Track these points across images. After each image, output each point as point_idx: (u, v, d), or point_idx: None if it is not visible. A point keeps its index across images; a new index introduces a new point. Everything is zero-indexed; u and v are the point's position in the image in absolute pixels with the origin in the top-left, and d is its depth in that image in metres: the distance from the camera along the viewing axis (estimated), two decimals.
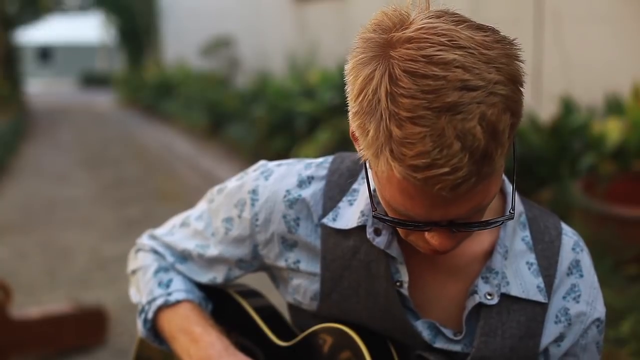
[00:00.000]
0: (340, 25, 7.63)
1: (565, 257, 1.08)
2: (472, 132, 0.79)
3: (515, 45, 0.86)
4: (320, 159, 1.17)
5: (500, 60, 0.82)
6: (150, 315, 1.21)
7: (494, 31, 0.86)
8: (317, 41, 7.94)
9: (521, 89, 0.85)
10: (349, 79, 0.87)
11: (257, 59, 10.01)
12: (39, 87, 27.45)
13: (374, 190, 0.98)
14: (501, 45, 0.84)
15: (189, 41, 13.13)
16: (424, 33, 0.82)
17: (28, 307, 3.35)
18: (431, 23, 0.84)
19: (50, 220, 5.64)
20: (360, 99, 0.84)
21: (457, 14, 0.87)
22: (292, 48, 8.62)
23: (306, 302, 1.15)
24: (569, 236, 1.10)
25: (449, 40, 0.81)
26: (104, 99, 18.81)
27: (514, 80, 0.83)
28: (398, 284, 1.06)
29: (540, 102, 4.60)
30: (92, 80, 28.06)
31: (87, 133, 11.79)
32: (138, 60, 17.77)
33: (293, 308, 1.22)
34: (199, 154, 8.69)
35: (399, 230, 0.98)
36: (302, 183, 1.12)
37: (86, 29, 30.87)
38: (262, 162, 1.20)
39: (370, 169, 0.91)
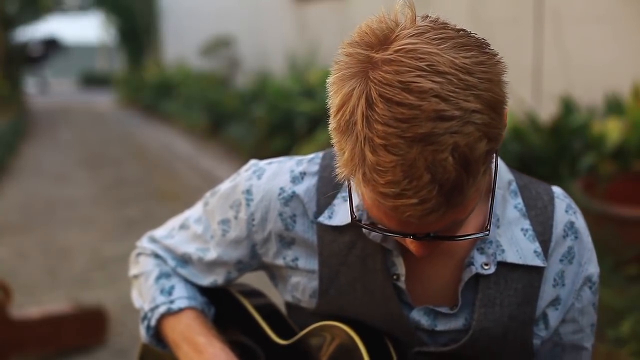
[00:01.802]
0: (340, 25, 7.63)
1: (560, 220, 1.09)
2: (442, 164, 0.79)
3: (501, 64, 0.85)
4: (311, 155, 1.17)
5: (481, 86, 0.81)
6: (153, 322, 1.22)
7: (480, 48, 0.84)
8: (317, 41, 7.94)
9: (501, 112, 0.83)
10: (330, 92, 0.87)
11: (257, 59, 10.00)
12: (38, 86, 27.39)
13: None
14: (484, 68, 0.82)
15: (189, 41, 13.12)
16: (402, 56, 0.81)
17: (28, 307, 3.34)
18: (412, 44, 0.81)
19: (50, 220, 5.64)
20: (339, 116, 0.84)
21: (444, 26, 0.85)
22: (292, 48, 8.62)
23: (305, 299, 1.15)
24: (561, 199, 1.11)
25: (428, 65, 0.80)
26: (104, 99, 18.81)
27: (494, 107, 0.82)
28: (395, 277, 1.07)
29: (540, 102, 4.60)
30: (92, 80, 28.04)
31: (87, 133, 11.78)
32: (138, 60, 17.75)
33: (291, 306, 1.23)
34: (199, 154, 8.69)
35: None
36: (295, 179, 1.13)
37: (86, 29, 30.90)
38: (253, 162, 1.20)
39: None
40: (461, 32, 0.85)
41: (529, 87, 4.71)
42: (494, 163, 0.90)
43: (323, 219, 1.10)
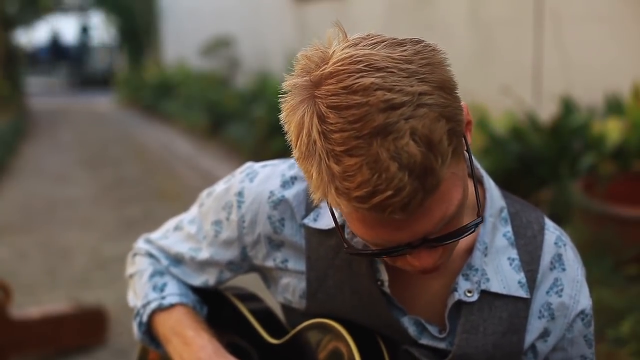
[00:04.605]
0: None
1: (548, 251, 1.08)
2: (405, 150, 0.79)
3: (439, 52, 0.86)
4: None
5: (423, 70, 0.82)
6: (144, 318, 1.24)
7: (414, 42, 0.85)
8: (317, 41, 7.93)
9: (453, 93, 0.84)
10: (285, 126, 0.88)
11: (257, 59, 10.01)
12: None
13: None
14: (423, 55, 0.83)
15: (189, 41, 13.12)
16: (341, 65, 0.83)
17: (28, 307, 3.35)
18: (348, 52, 0.84)
19: (50, 220, 5.64)
20: (299, 144, 0.85)
21: (376, 36, 0.87)
22: (292, 48, 8.60)
23: (295, 300, 1.16)
24: (551, 231, 1.11)
25: (366, 65, 0.81)
26: (104, 99, 18.81)
27: (442, 87, 0.82)
28: (379, 282, 1.07)
29: (540, 102, 4.60)
30: (92, 81, 28.07)
31: (87, 133, 11.78)
32: (138, 60, 17.76)
33: (285, 308, 1.24)
34: (199, 154, 8.69)
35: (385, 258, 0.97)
36: (286, 183, 1.14)
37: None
38: (248, 164, 1.21)
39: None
40: (394, 38, 0.87)
41: (529, 87, 4.71)
42: (465, 149, 0.90)
43: (308, 221, 1.11)
